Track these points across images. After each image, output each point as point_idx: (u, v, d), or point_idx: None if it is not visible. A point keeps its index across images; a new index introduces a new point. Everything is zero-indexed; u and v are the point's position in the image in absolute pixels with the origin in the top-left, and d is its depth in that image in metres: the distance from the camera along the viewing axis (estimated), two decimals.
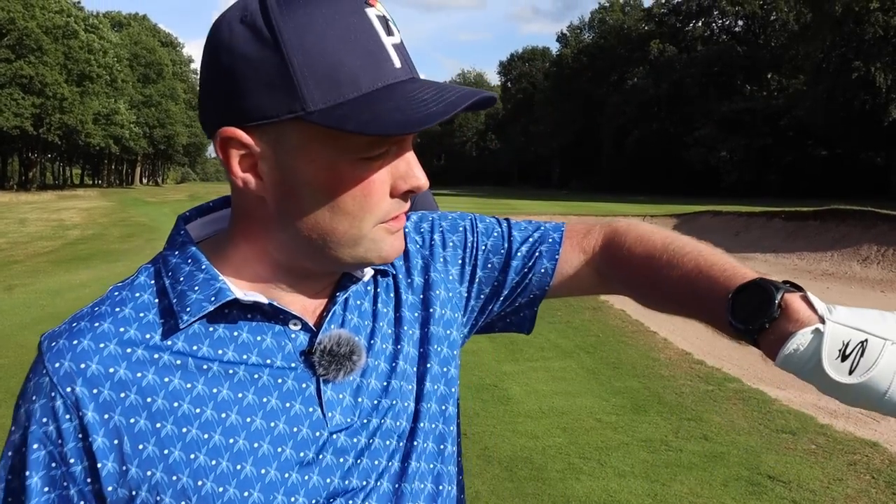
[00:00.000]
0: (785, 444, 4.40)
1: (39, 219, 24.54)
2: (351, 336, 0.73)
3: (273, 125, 0.64)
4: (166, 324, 0.68)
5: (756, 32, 55.54)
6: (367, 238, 0.68)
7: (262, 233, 0.71)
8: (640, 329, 7.68)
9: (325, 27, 0.62)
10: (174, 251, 0.73)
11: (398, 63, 0.64)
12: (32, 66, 45.62)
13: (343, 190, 0.65)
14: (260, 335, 0.70)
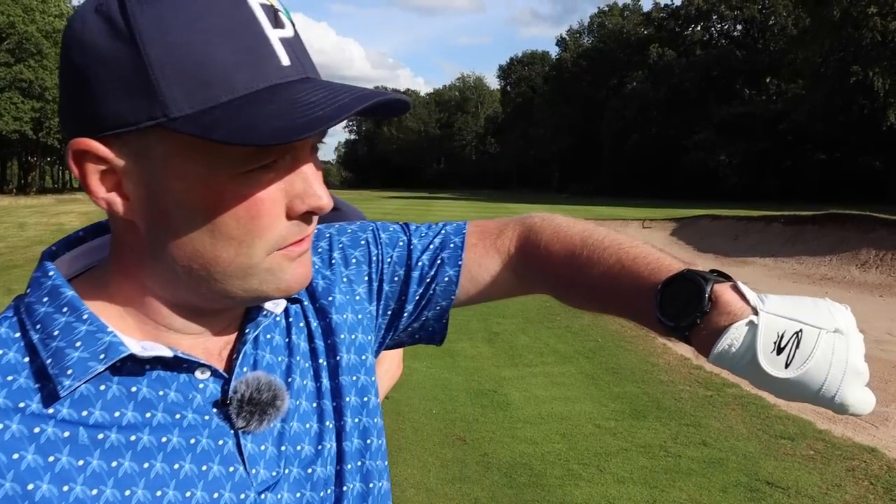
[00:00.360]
0: (783, 450, 4.41)
1: (38, 223, 24.53)
2: (271, 378, 0.64)
3: (134, 135, 0.53)
4: (44, 388, 0.55)
5: (755, 37, 55.71)
6: (261, 268, 0.58)
7: (137, 265, 0.60)
8: (640, 334, 7.69)
9: (193, 17, 0.51)
10: (41, 297, 0.58)
11: (286, 60, 0.54)
12: (32, 70, 45.68)
13: (223, 210, 0.55)
14: (162, 389, 0.59)
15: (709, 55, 55.36)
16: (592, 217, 26.69)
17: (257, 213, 0.56)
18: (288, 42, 0.55)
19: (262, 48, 0.53)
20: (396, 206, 39.90)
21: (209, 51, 0.51)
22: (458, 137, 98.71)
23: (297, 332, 0.72)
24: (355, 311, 0.77)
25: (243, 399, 0.61)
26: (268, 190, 0.56)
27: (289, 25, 0.56)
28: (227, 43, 0.52)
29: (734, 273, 2.79)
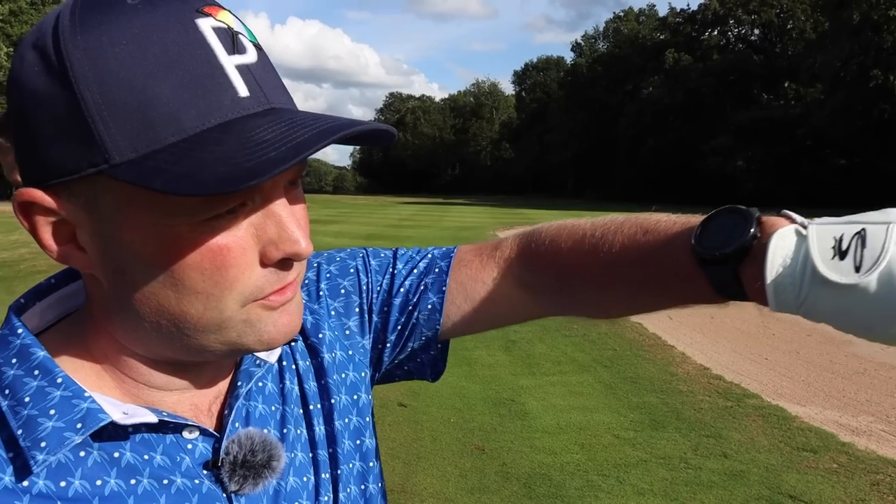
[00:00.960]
0: (806, 463, 4.35)
1: None
2: (265, 437, 0.59)
3: (80, 183, 0.48)
4: (18, 458, 0.50)
5: (773, 41, 55.28)
6: (236, 320, 0.52)
7: (106, 319, 0.55)
8: (658, 343, 7.64)
9: (134, 48, 0.45)
10: (9, 359, 0.53)
11: (243, 90, 0.47)
12: None
13: (184, 263, 0.49)
14: (147, 452, 0.54)
15: (726, 60, 55.01)
16: None
17: (223, 263, 0.49)
18: (247, 69, 0.48)
19: (213, 78, 0.46)
20: (411, 211, 40.00)
21: (152, 86, 0.45)
22: (473, 143, 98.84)
23: (289, 377, 0.67)
24: (345, 348, 0.72)
25: (236, 461, 0.57)
26: (235, 237, 0.49)
27: (251, 49, 0.49)
28: (173, 76, 0.45)
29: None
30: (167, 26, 0.46)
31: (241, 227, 0.50)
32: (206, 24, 0.47)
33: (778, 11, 54.39)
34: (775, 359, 7.40)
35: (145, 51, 0.45)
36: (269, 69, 0.51)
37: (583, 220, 0.72)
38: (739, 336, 8.63)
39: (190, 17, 0.47)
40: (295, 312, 0.56)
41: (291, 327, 0.55)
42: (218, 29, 0.48)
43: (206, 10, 0.48)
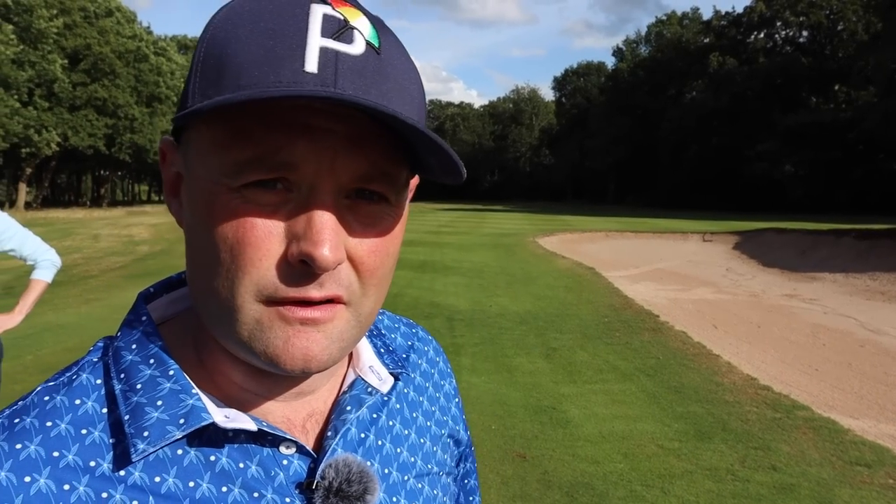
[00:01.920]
0: (860, 478, 4.21)
1: (111, 234, 25.68)
2: (364, 468, 0.57)
3: (185, 133, 0.52)
4: (119, 445, 0.51)
5: (822, 43, 53.74)
6: (249, 315, 0.49)
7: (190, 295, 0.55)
8: (703, 352, 7.49)
9: (243, 17, 0.48)
10: (130, 344, 0.55)
11: (311, 67, 0.46)
12: (106, 88, 48.01)
13: (215, 227, 0.49)
14: (243, 461, 0.54)
15: (772, 63, 53.68)
16: (651, 229, 26.22)
17: (244, 238, 0.48)
18: (335, 54, 0.47)
19: (290, 50, 0.46)
20: (451, 217, 40.08)
21: (237, 47, 0.47)
22: (513, 149, 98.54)
23: (404, 420, 0.66)
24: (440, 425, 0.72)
25: (331, 488, 0.55)
26: (263, 217, 0.48)
27: (361, 46, 0.48)
28: (259, 42, 0.46)
29: (802, 289, 2.74)
30: (285, 5, 0.48)
31: (274, 210, 0.48)
32: (318, 9, 0.48)
33: (827, 13, 52.87)
34: (826, 370, 7.18)
35: (252, 21, 0.47)
36: (372, 69, 0.48)
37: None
38: (788, 346, 8.40)
39: (309, 0, 0.48)
40: (316, 342, 0.50)
41: (305, 355, 0.50)
42: (329, 16, 0.48)
43: (329, 1, 0.49)
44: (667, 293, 12.86)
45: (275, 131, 0.46)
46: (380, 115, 0.46)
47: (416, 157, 0.53)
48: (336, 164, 0.48)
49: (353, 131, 0.48)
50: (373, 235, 0.51)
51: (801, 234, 19.73)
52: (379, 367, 0.65)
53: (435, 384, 0.73)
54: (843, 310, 11.23)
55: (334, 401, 0.61)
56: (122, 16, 51.29)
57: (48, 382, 0.54)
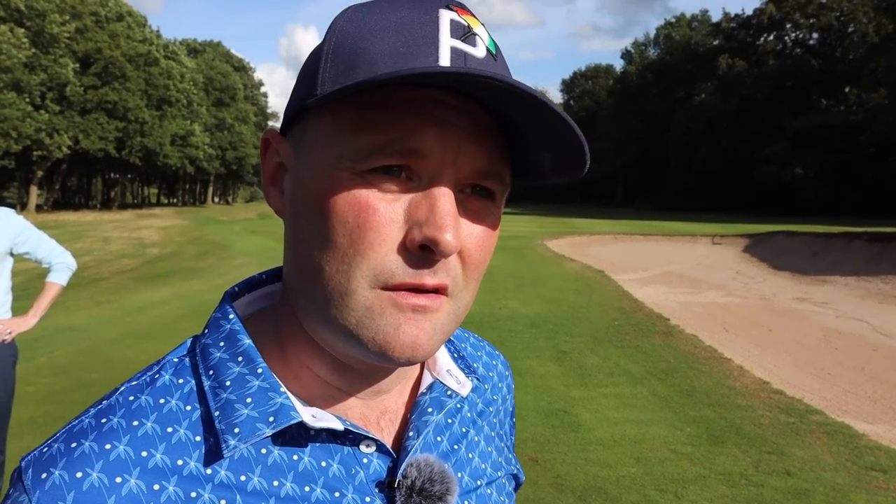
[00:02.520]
0: (875, 483, 4.17)
1: (121, 237, 25.85)
2: (444, 469, 0.57)
3: (299, 123, 0.54)
4: (206, 443, 0.51)
5: (832, 45, 53.45)
6: (360, 301, 0.49)
7: (286, 289, 0.57)
8: (714, 355, 7.45)
9: (377, 16, 0.51)
10: (218, 341, 0.56)
11: (444, 62, 0.49)
12: (117, 92, 48.37)
13: (335, 211, 0.49)
14: (325, 459, 0.54)
15: (782, 65, 53.44)
16: (660, 232, 26.14)
17: (365, 223, 0.48)
18: (463, 53, 0.50)
19: (424, 48, 0.49)
20: None
21: (372, 42, 0.50)
22: None
23: (476, 426, 0.66)
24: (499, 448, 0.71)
25: (413, 487, 0.55)
26: (386, 203, 0.49)
27: (482, 49, 0.51)
28: (393, 38, 0.49)
29: (813, 292, 2.70)
30: (414, 7, 0.51)
31: (397, 199, 0.49)
32: (446, 14, 0.51)
33: (838, 14, 52.58)
34: (839, 374, 7.13)
35: (382, 18, 0.51)
36: (493, 68, 0.51)
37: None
38: (800, 350, 8.34)
39: (436, 6, 0.51)
40: (424, 330, 0.50)
41: (415, 342, 0.50)
42: (455, 21, 0.51)
43: (454, 8, 0.52)
44: (677, 296, 12.80)
45: (407, 119, 0.48)
46: (505, 105, 0.49)
47: (524, 159, 0.55)
48: (458, 158, 0.49)
49: (476, 127, 0.50)
50: (480, 230, 0.53)
51: (812, 237, 19.61)
52: (456, 370, 0.65)
53: (502, 398, 0.74)
54: (855, 313, 11.15)
55: (409, 401, 0.62)
56: (133, 20, 51.68)
57: (131, 382, 0.55)
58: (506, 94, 0.47)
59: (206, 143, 63.75)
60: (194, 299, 11.21)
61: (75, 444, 0.50)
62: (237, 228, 32.74)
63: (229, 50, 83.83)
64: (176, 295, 11.72)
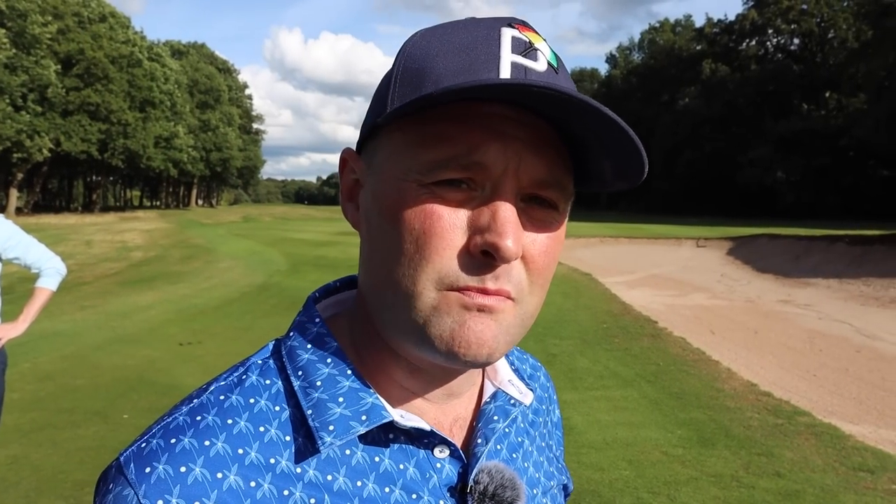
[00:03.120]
0: (863, 484, 4.23)
1: (104, 240, 25.54)
2: (514, 475, 0.59)
3: (372, 141, 0.57)
4: (295, 442, 0.53)
5: (813, 50, 54.20)
6: (427, 302, 0.51)
7: (361, 297, 0.59)
8: (702, 358, 7.51)
9: (442, 38, 0.54)
10: (305, 344, 0.58)
11: (506, 75, 0.51)
12: (99, 93, 47.83)
13: (403, 219, 0.52)
14: (403, 462, 0.56)
15: (764, 70, 54.09)
16: (645, 235, 26.31)
17: (431, 229, 0.51)
18: (524, 68, 0.52)
19: (486, 62, 0.51)
20: None
21: (436, 62, 0.52)
22: None
23: (530, 437, 0.69)
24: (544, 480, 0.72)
25: (486, 492, 0.57)
26: (450, 211, 0.51)
27: (543, 64, 0.53)
28: (457, 58, 0.52)
29: (796, 295, 2.74)
30: (477, 28, 0.54)
31: (459, 206, 0.52)
32: (507, 32, 0.53)
33: (818, 21, 53.34)
34: (824, 375, 7.21)
35: (447, 40, 0.53)
36: (554, 80, 0.53)
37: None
38: (785, 352, 8.43)
39: (499, 25, 0.54)
40: (489, 328, 0.52)
41: (481, 339, 0.51)
42: (516, 38, 0.53)
43: (516, 26, 0.54)
44: (663, 299, 12.89)
45: (470, 133, 0.50)
46: (564, 115, 0.51)
47: (586, 167, 0.57)
48: (520, 168, 0.52)
49: (535, 138, 0.52)
50: (544, 237, 0.54)
51: (794, 240, 19.84)
52: (517, 381, 0.67)
53: (548, 409, 0.76)
54: (838, 315, 11.30)
55: (476, 409, 0.64)
56: (116, 21, 51.16)
57: (219, 381, 0.57)
58: (564, 104, 0.48)
59: (190, 146, 63.20)
60: (181, 304, 11.11)
61: (174, 440, 0.51)
62: (222, 231, 32.50)
63: (213, 52, 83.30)
64: (162, 299, 11.60)
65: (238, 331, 8.89)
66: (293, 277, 14.79)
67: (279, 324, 9.33)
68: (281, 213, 65.92)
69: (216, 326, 9.17)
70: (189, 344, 7.95)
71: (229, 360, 3.97)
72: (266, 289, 12.95)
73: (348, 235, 30.65)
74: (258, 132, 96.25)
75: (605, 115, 0.49)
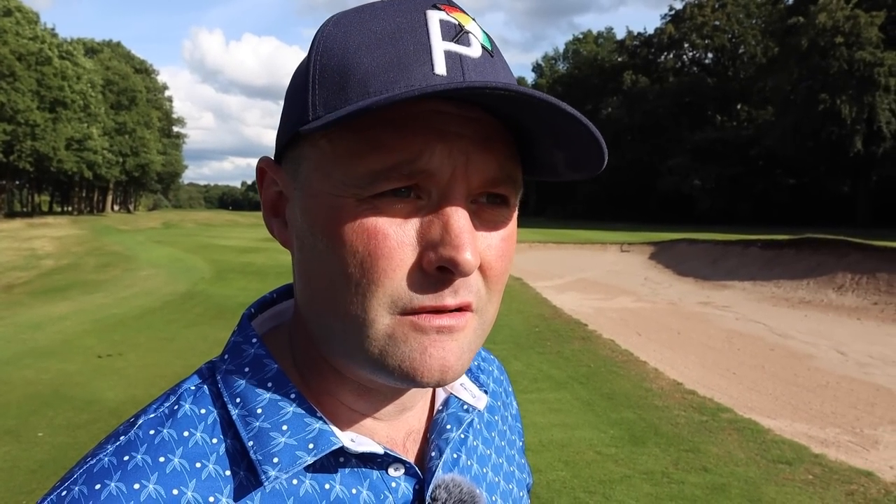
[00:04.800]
0: (783, 475, 4.46)
1: (10, 248, 23.99)
2: (472, 487, 0.56)
3: (293, 150, 0.51)
4: (235, 476, 0.48)
5: (725, 65, 57.16)
6: (380, 330, 0.47)
7: (299, 315, 0.55)
8: (631, 359, 7.75)
9: (359, 27, 0.48)
10: (242, 367, 0.52)
11: (440, 69, 0.46)
12: (4, 92, 45.03)
13: (342, 240, 0.46)
14: (355, 486, 0.52)
15: (681, 82, 56.61)
16: (572, 241, 26.96)
17: (375, 250, 0.46)
18: (458, 56, 0.47)
19: (416, 55, 0.46)
20: None
21: (358, 56, 0.47)
22: None
23: (484, 440, 0.65)
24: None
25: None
26: (395, 226, 0.46)
27: (476, 48, 0.48)
28: (381, 49, 0.46)
29: (715, 297, 2.88)
30: (398, 12, 0.48)
31: (407, 221, 0.47)
32: (434, 15, 0.48)
33: (730, 37, 56.33)
34: (742, 373, 7.58)
35: (367, 29, 0.48)
36: (491, 69, 0.49)
37: None
38: (706, 351, 8.81)
39: (423, 7, 0.48)
40: (451, 351, 0.48)
41: (442, 365, 0.48)
42: (445, 21, 0.48)
43: (441, 7, 0.49)
44: (591, 302, 13.24)
45: (410, 138, 0.45)
46: (510, 108, 0.46)
47: (533, 156, 0.53)
48: (468, 169, 0.47)
49: (482, 134, 0.47)
50: (498, 239, 0.51)
51: (712, 245, 20.78)
52: (469, 384, 0.63)
53: (504, 404, 0.72)
54: (753, 316, 11.91)
55: (429, 419, 0.60)
56: (23, 16, 48.34)
57: (148, 414, 0.51)
58: (514, 100, 0.44)
59: (105, 148, 60.34)
60: (98, 314, 10.56)
61: (99, 486, 0.45)
62: (141, 238, 31.13)
63: (130, 51, 79.91)
64: (77, 309, 10.99)
65: (161, 341, 8.52)
66: (219, 285, 14.33)
67: (205, 333, 9.00)
68: (204, 218, 63.80)
69: (138, 337, 8.76)
70: (109, 356, 7.56)
71: (152, 373, 3.87)
72: (190, 297, 12.48)
73: (274, 242, 29.82)
74: (179, 135, 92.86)
75: (558, 109, 0.45)
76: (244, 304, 6.85)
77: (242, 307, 4.67)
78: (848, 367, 7.95)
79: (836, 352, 8.80)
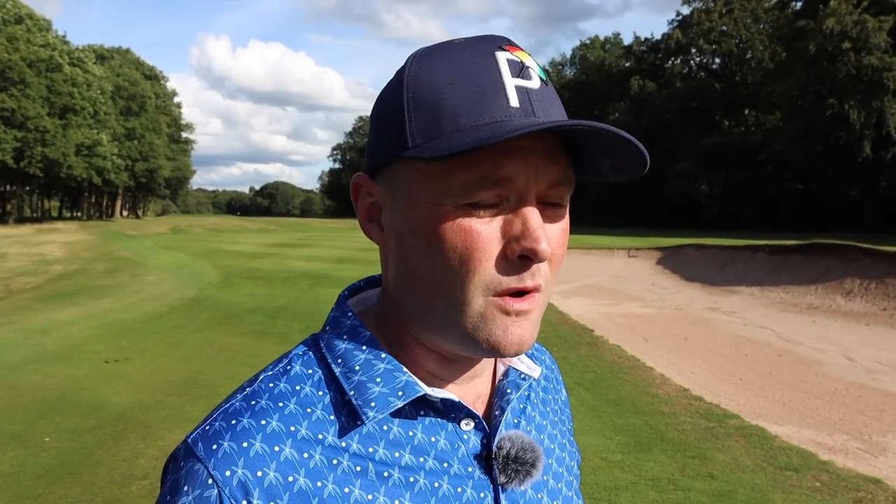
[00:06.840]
0: (790, 482, 4.43)
1: (20, 253, 24.15)
2: (532, 440, 0.66)
3: (389, 168, 0.62)
4: (338, 421, 0.61)
5: (733, 70, 57.04)
6: (474, 310, 0.59)
7: (391, 300, 0.66)
8: (637, 365, 7.73)
9: (444, 68, 0.59)
10: (341, 335, 0.65)
11: (514, 102, 0.58)
12: (15, 99, 45.40)
13: (444, 240, 0.58)
14: (434, 435, 0.64)
15: (688, 87, 56.53)
16: (579, 245, 26.91)
17: (472, 245, 0.58)
18: (525, 90, 0.59)
19: (494, 91, 0.58)
20: None
21: (447, 93, 0.58)
22: None
23: (541, 413, 0.76)
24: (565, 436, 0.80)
25: (509, 456, 0.64)
26: (485, 226, 0.58)
27: (536, 80, 0.61)
28: (465, 87, 0.58)
29: (722, 302, 2.90)
30: (474, 55, 0.60)
31: (493, 220, 0.58)
32: (502, 56, 0.60)
33: (737, 42, 56.22)
34: (750, 379, 7.55)
35: (452, 70, 0.60)
36: (549, 97, 0.61)
37: None
38: (714, 357, 8.78)
39: (492, 50, 0.61)
40: (526, 328, 0.60)
41: (520, 340, 0.60)
42: (511, 60, 0.60)
43: (506, 48, 0.61)
44: (598, 308, 13.21)
45: (494, 154, 0.57)
46: (570, 131, 0.58)
47: (581, 162, 0.64)
48: (538, 176, 0.59)
49: (547, 149, 0.59)
50: (558, 231, 0.63)
51: (719, 250, 20.72)
52: (525, 357, 0.74)
53: (555, 389, 0.83)
54: (760, 321, 11.86)
55: (493, 386, 0.71)
56: (34, 23, 48.80)
57: (266, 372, 0.64)
58: (575, 129, 0.56)
59: (115, 154, 60.71)
60: (106, 319, 10.61)
61: (234, 422, 0.58)
62: (149, 243, 31.30)
63: (139, 57, 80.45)
64: (85, 315, 11.04)
65: (169, 346, 8.56)
66: (226, 290, 14.38)
67: (212, 338, 9.03)
68: (212, 224, 64.08)
69: (145, 342, 8.79)
70: (116, 361, 7.60)
71: (159, 378, 3.90)
72: (198, 302, 12.52)
73: (282, 247, 30.04)
74: (188, 141, 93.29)
75: (611, 134, 0.57)
76: (251, 309, 7.02)
77: (249, 312, 4.82)
78: (856, 373, 7.90)
79: (844, 358, 8.75)
